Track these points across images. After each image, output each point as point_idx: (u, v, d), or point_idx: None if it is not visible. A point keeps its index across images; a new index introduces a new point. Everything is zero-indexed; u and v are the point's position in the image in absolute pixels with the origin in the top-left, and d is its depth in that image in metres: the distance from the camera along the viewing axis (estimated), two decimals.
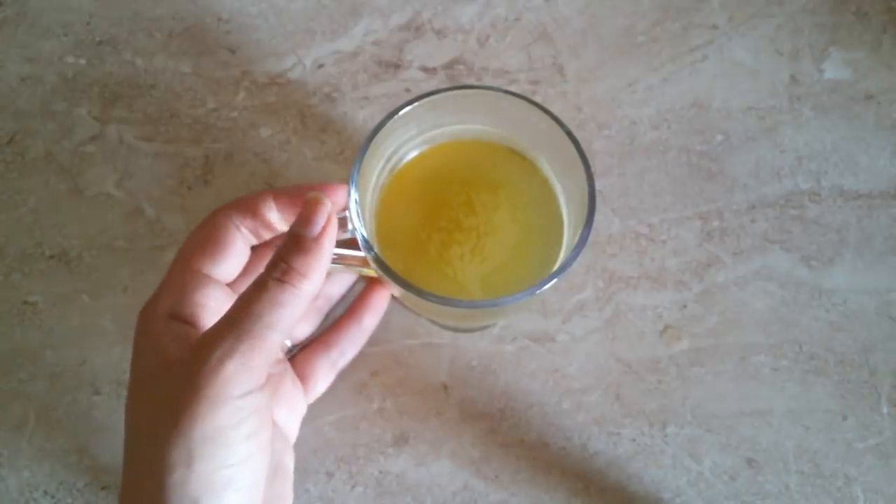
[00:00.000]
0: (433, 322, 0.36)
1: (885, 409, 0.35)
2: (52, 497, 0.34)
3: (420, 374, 0.35)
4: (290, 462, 0.29)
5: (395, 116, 0.28)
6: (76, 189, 0.39)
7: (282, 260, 0.24)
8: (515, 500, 0.34)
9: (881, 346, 0.36)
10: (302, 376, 0.32)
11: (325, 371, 0.32)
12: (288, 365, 0.31)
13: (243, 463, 0.23)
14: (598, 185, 0.38)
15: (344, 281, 0.34)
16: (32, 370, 0.36)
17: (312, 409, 0.33)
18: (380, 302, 0.34)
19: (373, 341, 0.35)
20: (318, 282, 0.25)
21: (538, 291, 0.26)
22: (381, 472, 0.34)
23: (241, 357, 0.23)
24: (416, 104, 0.29)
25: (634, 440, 0.35)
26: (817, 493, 0.34)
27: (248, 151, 0.39)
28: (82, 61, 0.41)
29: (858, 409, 0.35)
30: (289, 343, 0.33)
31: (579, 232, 0.27)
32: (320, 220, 0.24)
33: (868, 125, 0.40)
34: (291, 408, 0.30)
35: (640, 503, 0.34)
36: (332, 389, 0.33)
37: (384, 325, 0.36)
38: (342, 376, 0.34)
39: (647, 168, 0.39)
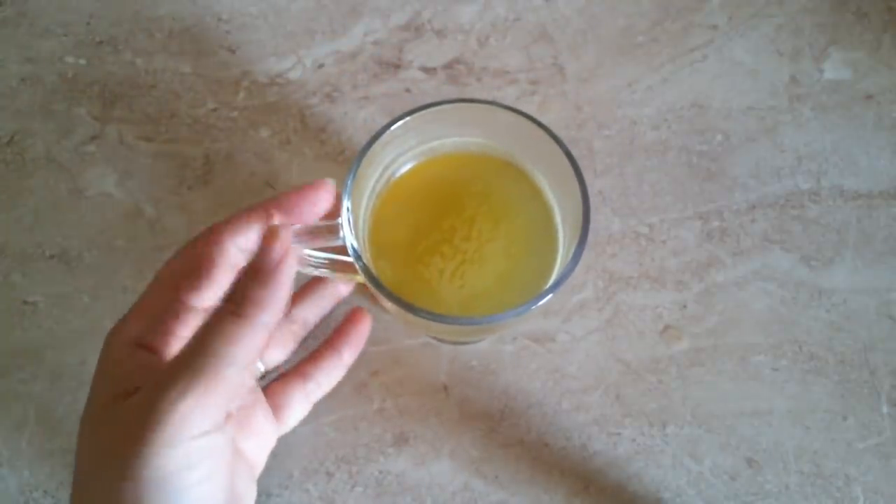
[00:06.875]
0: (413, 327, 0.36)
1: (885, 409, 0.35)
2: (52, 497, 0.34)
3: (420, 374, 0.35)
4: (251, 494, 0.28)
5: (390, 129, 0.28)
6: (76, 189, 0.39)
7: (238, 291, 0.23)
8: (515, 500, 0.34)
9: (881, 346, 0.36)
10: (275, 406, 0.30)
11: (300, 402, 0.31)
12: (260, 395, 0.30)
13: None
14: (598, 185, 0.39)
15: (321, 306, 0.34)
16: (32, 370, 0.36)
17: (312, 408, 0.33)
18: (360, 333, 0.33)
19: (373, 341, 0.35)
20: (277, 312, 0.24)
21: (529, 310, 0.26)
22: (381, 472, 0.34)
23: (197, 396, 0.21)
24: (411, 116, 0.28)
25: (634, 440, 0.35)
26: (817, 493, 0.34)
27: (248, 151, 0.39)
28: (82, 61, 0.41)
29: (858, 409, 0.35)
30: (262, 368, 0.32)
31: (573, 248, 0.26)
32: (276, 252, 0.24)
33: (868, 125, 0.40)
34: (260, 438, 0.29)
35: (640, 503, 0.34)
36: (331, 389, 0.33)
37: (384, 324, 0.36)
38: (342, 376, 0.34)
39: (647, 168, 0.39)
